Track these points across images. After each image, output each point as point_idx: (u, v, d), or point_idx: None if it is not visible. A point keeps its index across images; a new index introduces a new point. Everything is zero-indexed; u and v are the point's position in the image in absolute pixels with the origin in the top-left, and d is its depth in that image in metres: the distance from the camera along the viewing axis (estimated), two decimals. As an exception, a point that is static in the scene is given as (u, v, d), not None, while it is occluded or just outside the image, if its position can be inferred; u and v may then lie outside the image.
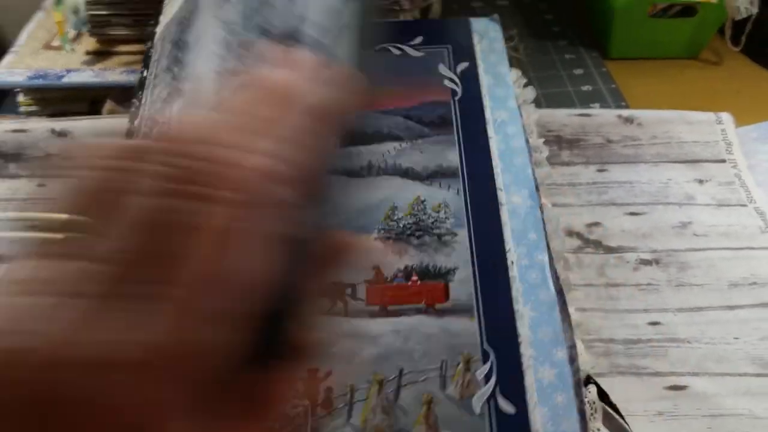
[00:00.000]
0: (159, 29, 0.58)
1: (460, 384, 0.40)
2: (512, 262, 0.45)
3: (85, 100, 0.66)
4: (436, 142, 0.52)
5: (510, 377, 0.40)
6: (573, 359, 0.41)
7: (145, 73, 0.55)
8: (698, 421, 0.47)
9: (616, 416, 0.45)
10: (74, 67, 0.66)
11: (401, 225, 0.47)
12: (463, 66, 0.56)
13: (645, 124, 0.62)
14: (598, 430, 0.42)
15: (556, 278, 0.44)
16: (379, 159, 0.51)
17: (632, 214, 0.58)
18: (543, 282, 0.44)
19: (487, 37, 0.59)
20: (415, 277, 0.45)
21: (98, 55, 0.68)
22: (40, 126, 0.60)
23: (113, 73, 0.66)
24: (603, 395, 0.44)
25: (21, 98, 0.66)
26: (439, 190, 0.49)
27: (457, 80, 0.55)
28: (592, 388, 0.42)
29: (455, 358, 0.41)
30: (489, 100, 0.54)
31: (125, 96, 0.60)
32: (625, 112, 0.64)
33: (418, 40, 0.58)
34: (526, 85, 0.56)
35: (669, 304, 0.53)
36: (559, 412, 0.39)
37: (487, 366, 0.40)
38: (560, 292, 0.43)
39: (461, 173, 0.49)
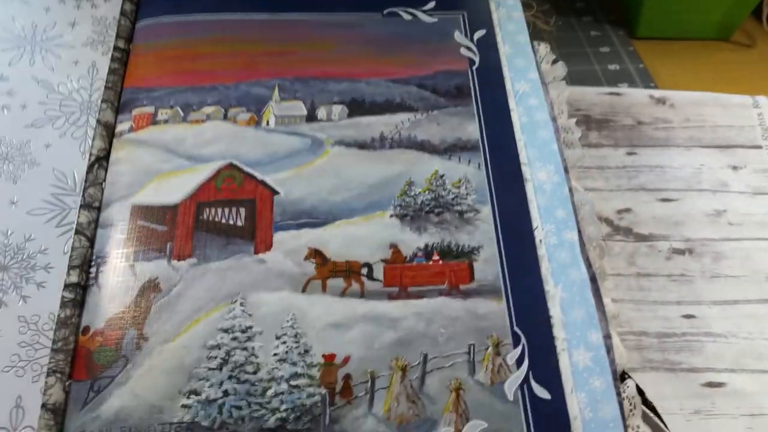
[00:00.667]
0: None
1: (490, 369, 0.42)
2: (540, 241, 0.48)
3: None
4: (454, 114, 0.54)
5: (543, 361, 0.42)
6: (609, 349, 0.43)
7: None
8: (737, 420, 0.50)
9: (653, 415, 0.47)
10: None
11: (419, 201, 0.50)
12: (480, 34, 0.59)
13: (677, 105, 0.66)
14: (638, 427, 0.44)
15: (587, 260, 0.47)
16: (392, 130, 0.54)
17: (664, 200, 0.61)
18: (573, 261, 0.47)
19: (505, 4, 0.62)
20: (436, 257, 0.47)
21: None
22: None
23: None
24: (639, 392, 0.46)
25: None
26: (458, 165, 0.51)
27: (475, 48, 0.58)
28: (631, 383, 0.44)
29: (483, 342, 0.43)
30: (509, 70, 0.57)
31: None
32: (657, 93, 0.67)
33: (431, 5, 0.61)
34: (555, 62, 0.59)
35: (703, 297, 0.56)
36: (597, 398, 0.42)
37: (519, 350, 0.43)
38: (593, 279, 0.46)
39: (482, 147, 0.52)
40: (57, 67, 0.59)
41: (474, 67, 0.57)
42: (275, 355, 0.44)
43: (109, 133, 0.55)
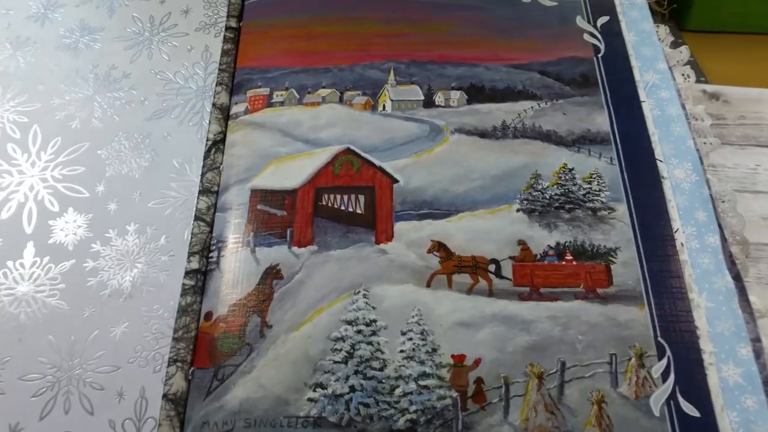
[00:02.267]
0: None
1: (634, 381, 0.38)
2: (682, 244, 0.43)
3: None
4: (581, 104, 0.49)
5: (690, 376, 0.38)
6: (758, 354, 0.39)
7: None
8: None
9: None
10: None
11: (547, 196, 0.45)
12: (603, 20, 0.53)
13: (732, 101, 0.59)
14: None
15: (731, 263, 0.42)
16: (514, 119, 0.49)
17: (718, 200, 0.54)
18: (717, 268, 0.42)
19: (625, -12, 0.56)
20: (569, 256, 0.43)
21: None
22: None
23: None
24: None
25: None
26: (587, 158, 0.47)
27: (599, 35, 0.52)
28: None
29: (625, 352, 0.39)
30: (636, 59, 0.51)
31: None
32: (710, 87, 0.60)
33: (551, -13, 0.55)
34: (674, 45, 0.53)
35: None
36: (750, 418, 0.37)
37: (664, 362, 0.38)
38: (738, 277, 0.41)
39: (613, 140, 0.47)
40: (173, 56, 0.56)
41: (599, 55, 0.52)
42: (401, 351, 0.40)
43: (224, 116, 0.52)
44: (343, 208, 0.46)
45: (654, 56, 0.51)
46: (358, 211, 0.46)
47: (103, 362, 0.42)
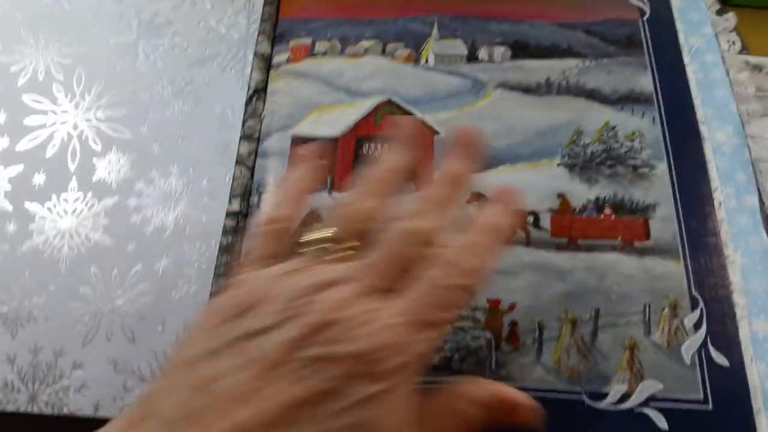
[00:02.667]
0: None
1: (667, 330, 0.39)
2: (720, 203, 0.43)
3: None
4: (625, 64, 0.50)
5: (722, 327, 0.39)
6: (789, 315, 0.40)
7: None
8: None
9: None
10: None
11: (588, 152, 0.46)
12: (649, -17, 0.54)
13: None
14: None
15: (766, 220, 0.43)
16: (558, 76, 0.49)
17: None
18: (754, 227, 0.43)
19: (670, -49, 0.56)
20: (608, 211, 0.43)
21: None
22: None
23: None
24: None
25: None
26: (630, 117, 0.47)
27: (645, -2, 0.53)
28: None
29: (659, 303, 0.40)
30: (681, 23, 0.52)
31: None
32: (753, 59, 0.60)
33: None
34: (720, 12, 0.53)
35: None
36: (779, 370, 0.38)
37: (697, 313, 0.39)
38: (773, 239, 0.42)
39: (656, 101, 0.47)
40: (215, 4, 0.57)
41: (645, 18, 0.52)
42: (438, 296, 0.41)
43: (266, 65, 0.53)
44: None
45: (700, 21, 0.51)
46: (398, 161, 0.47)
47: (145, 294, 0.44)
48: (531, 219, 0.43)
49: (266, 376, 0.23)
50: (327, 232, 0.29)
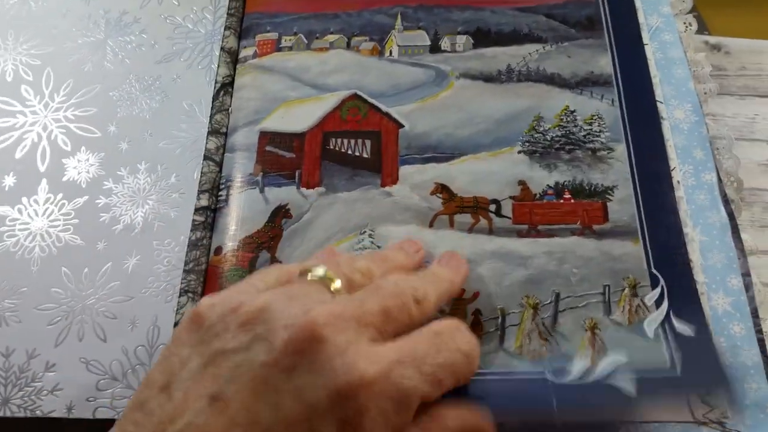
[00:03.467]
0: None
1: (627, 309, 0.40)
2: (678, 182, 0.44)
3: None
4: (584, 46, 0.51)
5: (684, 303, 0.40)
6: (747, 287, 0.41)
7: None
8: None
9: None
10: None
11: (548, 137, 0.47)
12: (609, -38, 0.54)
13: (733, 53, 0.60)
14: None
15: (725, 201, 0.44)
16: (519, 63, 0.50)
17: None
18: (712, 204, 0.44)
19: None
20: (567, 195, 0.44)
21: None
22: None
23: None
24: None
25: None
26: (590, 100, 0.48)
27: (605, -23, 0.53)
28: None
29: (619, 284, 0.41)
30: (641, 2, 0.52)
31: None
32: (712, 39, 0.61)
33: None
34: (679, -8, 0.54)
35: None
36: (736, 343, 0.39)
37: (657, 291, 0.40)
38: (731, 216, 0.43)
39: (615, 82, 0.48)
40: (182, 1, 0.57)
41: (605, -3, 0.53)
42: (404, 285, 0.42)
43: (233, 59, 0.54)
44: (350, 152, 0.48)
45: (659, 0, 0.52)
46: (365, 156, 0.48)
47: (115, 293, 0.45)
48: (493, 207, 0.44)
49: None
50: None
